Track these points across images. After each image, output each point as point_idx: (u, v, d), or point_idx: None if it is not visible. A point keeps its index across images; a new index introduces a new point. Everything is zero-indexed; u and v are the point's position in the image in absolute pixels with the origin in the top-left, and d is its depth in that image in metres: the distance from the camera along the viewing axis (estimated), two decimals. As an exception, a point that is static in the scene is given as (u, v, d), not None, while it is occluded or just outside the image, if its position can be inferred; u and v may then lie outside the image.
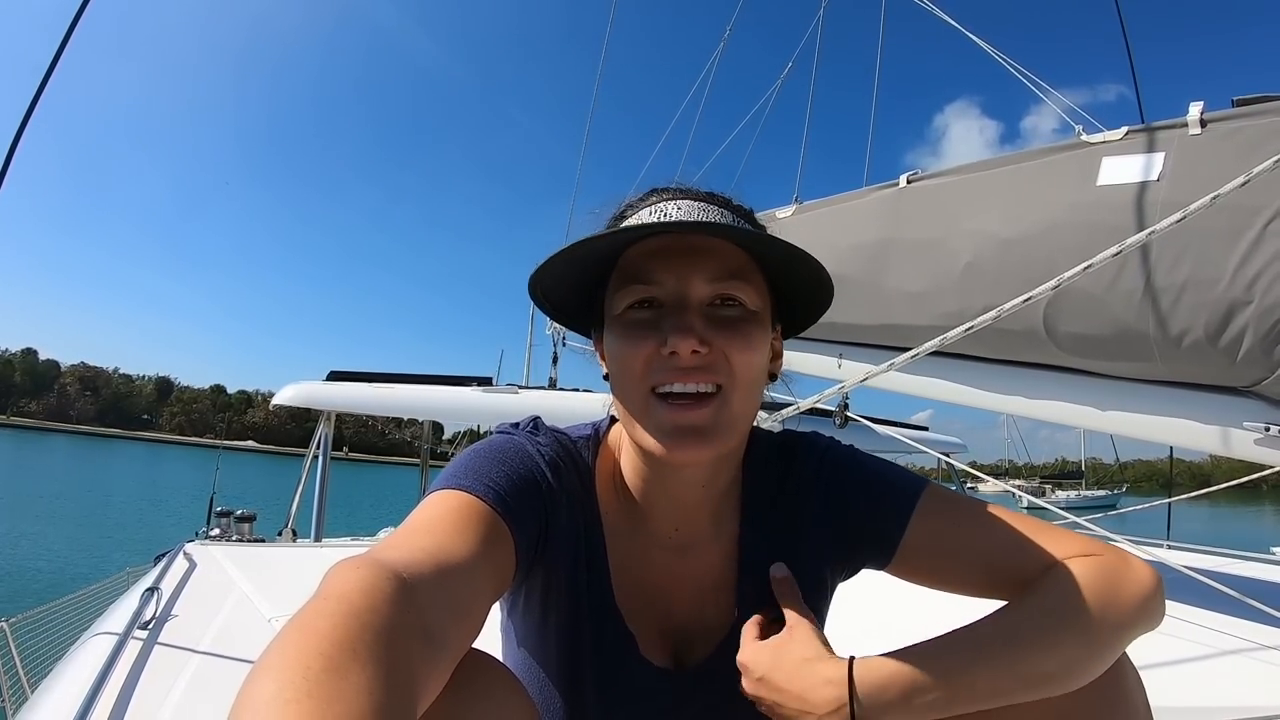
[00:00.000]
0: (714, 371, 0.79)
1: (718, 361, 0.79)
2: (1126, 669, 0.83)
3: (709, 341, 0.79)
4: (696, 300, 0.81)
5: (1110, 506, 5.36)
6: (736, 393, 0.80)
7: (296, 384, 4.44)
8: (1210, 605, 2.17)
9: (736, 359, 0.80)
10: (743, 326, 0.81)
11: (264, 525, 4.29)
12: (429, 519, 0.72)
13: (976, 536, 0.87)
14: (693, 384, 0.79)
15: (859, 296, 3.16)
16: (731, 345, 0.79)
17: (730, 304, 0.81)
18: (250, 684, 0.45)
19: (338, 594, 0.53)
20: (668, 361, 0.79)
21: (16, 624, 2.48)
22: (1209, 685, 1.76)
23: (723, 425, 0.80)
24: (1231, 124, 2.17)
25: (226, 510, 3.88)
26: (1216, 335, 2.13)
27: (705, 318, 0.80)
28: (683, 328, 0.78)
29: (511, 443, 0.87)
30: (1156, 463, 21.07)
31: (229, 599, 2.28)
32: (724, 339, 0.79)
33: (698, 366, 0.79)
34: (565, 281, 0.87)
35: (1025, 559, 0.84)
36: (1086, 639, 0.76)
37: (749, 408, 0.84)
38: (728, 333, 0.80)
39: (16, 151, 1.92)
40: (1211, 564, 3.27)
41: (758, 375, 0.83)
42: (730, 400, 0.80)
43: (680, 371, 0.79)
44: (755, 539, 0.94)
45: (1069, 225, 2.47)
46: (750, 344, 0.81)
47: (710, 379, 0.79)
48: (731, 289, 0.81)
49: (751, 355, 0.81)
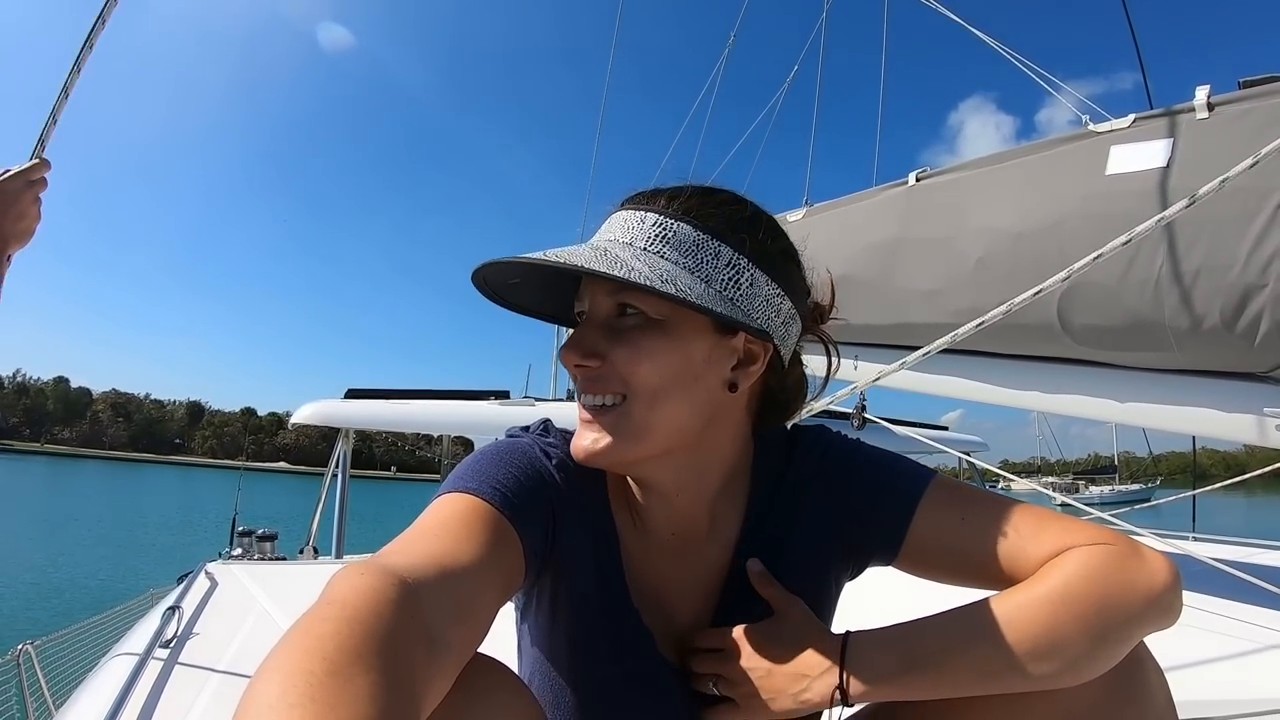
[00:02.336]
0: (606, 383, 0.81)
1: (610, 373, 0.80)
2: (1146, 664, 0.81)
3: (600, 354, 0.80)
4: (599, 314, 0.83)
5: (1144, 500, 5.30)
6: (637, 402, 0.80)
7: (315, 403, 4.48)
8: (1239, 597, 2.13)
9: (624, 369, 0.79)
10: (633, 336, 0.80)
11: (289, 543, 4.33)
12: (434, 523, 0.72)
13: (985, 529, 0.85)
14: (589, 396, 0.82)
15: (872, 297, 3.13)
16: (619, 355, 0.80)
17: (631, 313, 0.81)
18: (253, 688, 0.45)
19: (341, 599, 0.53)
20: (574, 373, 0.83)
21: (41, 646, 2.52)
22: (1239, 678, 1.73)
23: (623, 433, 0.81)
24: (1239, 106, 2.14)
25: (248, 530, 3.91)
26: (1233, 321, 2.09)
27: (605, 329, 0.82)
28: (570, 343, 0.82)
29: (518, 445, 0.88)
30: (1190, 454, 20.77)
31: (249, 617, 2.31)
32: (615, 349, 0.80)
33: (591, 379, 0.82)
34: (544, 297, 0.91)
35: (1036, 551, 0.82)
36: (1087, 627, 0.75)
37: (661, 417, 0.81)
38: (617, 343, 0.80)
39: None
40: (1240, 555, 3.21)
41: (661, 384, 0.80)
42: (631, 410, 0.80)
43: (582, 383, 0.83)
44: (755, 538, 0.93)
45: (1080, 216, 2.44)
46: (640, 353, 0.79)
47: (605, 390, 0.81)
48: (626, 298, 0.80)
49: (641, 363, 0.79)
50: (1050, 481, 44.90)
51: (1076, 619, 0.75)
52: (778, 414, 0.95)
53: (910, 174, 3.16)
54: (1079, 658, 0.75)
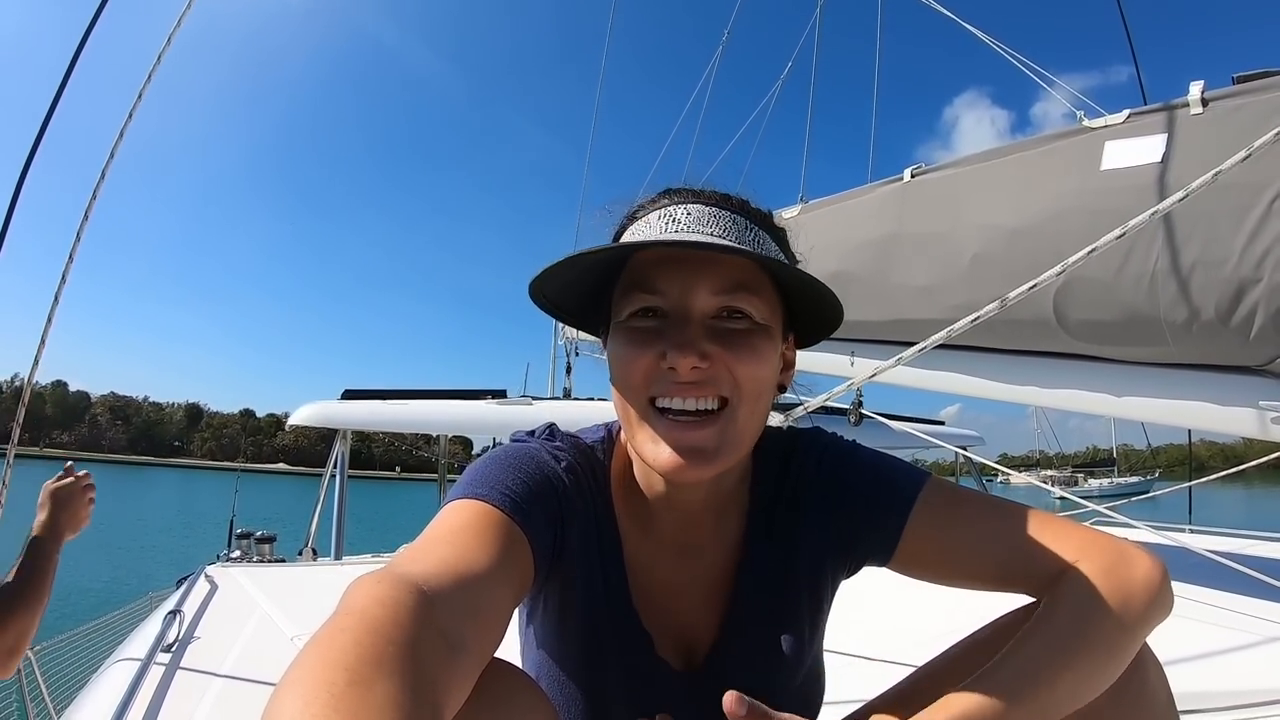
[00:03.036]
0: (716, 385, 0.78)
1: (720, 375, 0.78)
2: (1147, 661, 0.82)
3: (711, 355, 0.77)
4: (700, 313, 0.79)
5: (1143, 493, 5.32)
6: (743, 407, 0.79)
7: (312, 404, 4.47)
8: (1235, 589, 2.14)
9: (741, 372, 0.78)
10: (748, 339, 0.79)
11: (288, 544, 4.33)
12: (447, 530, 0.72)
13: (978, 531, 0.87)
14: (692, 400, 0.78)
15: (868, 293, 3.14)
16: (737, 359, 0.78)
17: (736, 316, 0.79)
18: (275, 701, 0.45)
19: (359, 609, 0.53)
20: (667, 375, 0.78)
21: (42, 651, 2.52)
22: (1235, 670, 1.73)
23: (727, 444, 0.79)
24: (1233, 101, 2.15)
25: (247, 532, 3.91)
26: (1228, 315, 2.10)
27: (709, 330, 0.79)
28: (683, 342, 0.76)
29: (525, 449, 0.87)
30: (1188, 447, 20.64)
31: (251, 619, 2.31)
32: (729, 352, 0.78)
33: (698, 381, 0.77)
34: (574, 287, 0.87)
35: (1029, 552, 0.84)
36: (1108, 651, 0.76)
37: (755, 422, 0.82)
38: (732, 346, 0.78)
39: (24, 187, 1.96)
40: (1236, 547, 3.22)
41: (765, 388, 0.81)
42: (736, 416, 0.79)
43: (680, 386, 0.77)
44: (756, 539, 0.94)
45: (1075, 212, 2.45)
46: (757, 357, 0.79)
47: (712, 393, 0.78)
48: (737, 301, 0.79)
49: (758, 368, 0.79)
50: (1049, 475, 44.99)
51: (1098, 650, 0.76)
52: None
53: (905, 170, 3.17)
54: (1105, 679, 0.77)
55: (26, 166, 1.87)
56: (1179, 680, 0.85)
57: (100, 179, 2.12)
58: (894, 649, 1.84)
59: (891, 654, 1.80)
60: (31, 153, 1.83)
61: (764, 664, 0.93)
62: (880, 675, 1.68)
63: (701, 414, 0.78)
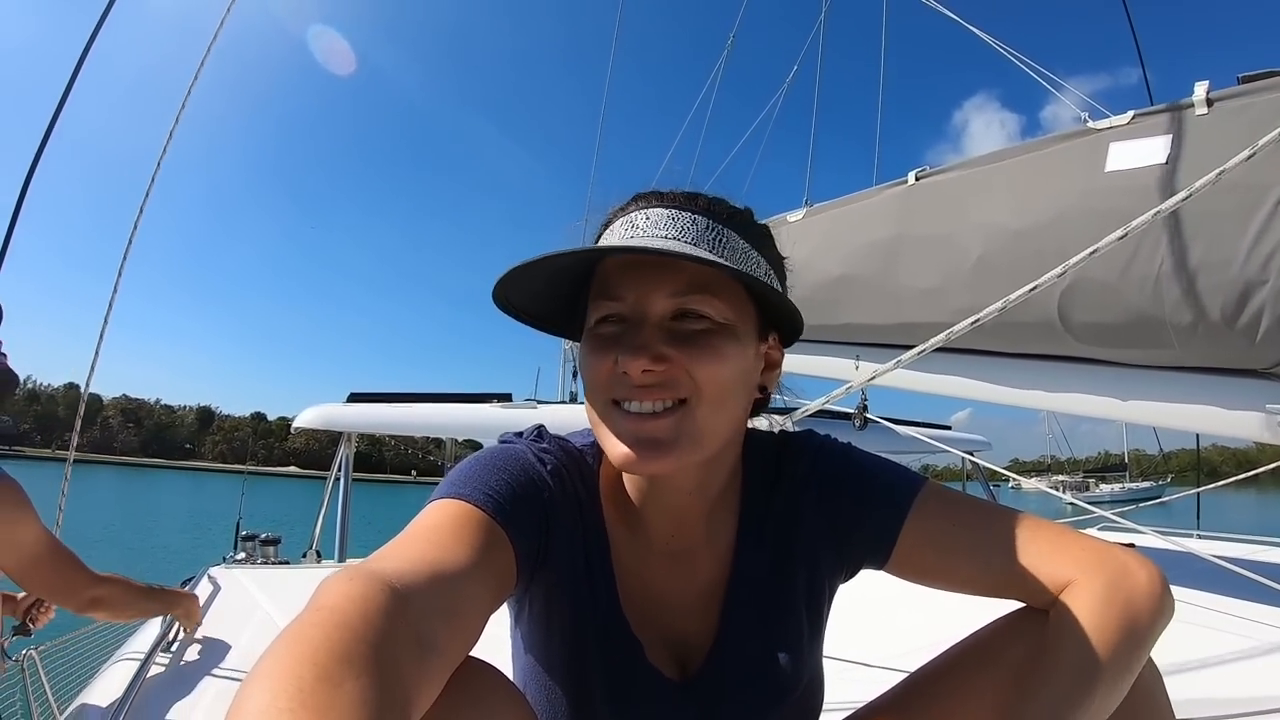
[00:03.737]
0: (673, 388, 0.78)
1: (679, 378, 0.78)
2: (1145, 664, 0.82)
3: (668, 358, 0.77)
4: (656, 316, 0.79)
5: (1154, 498, 5.29)
6: (703, 407, 0.79)
7: (316, 407, 4.47)
8: (1243, 595, 2.12)
9: (700, 373, 0.78)
10: (707, 339, 0.79)
11: (296, 546, 4.32)
12: (425, 528, 0.72)
13: (976, 535, 0.86)
14: (649, 403, 0.78)
15: (873, 296, 3.13)
16: (694, 360, 0.78)
17: (695, 318, 0.79)
18: (243, 695, 0.45)
19: (330, 605, 0.53)
20: (623, 379, 0.78)
21: (46, 651, 2.53)
22: (1242, 677, 1.71)
23: (686, 437, 0.78)
24: (1238, 101, 2.13)
25: (252, 534, 3.90)
26: (1234, 317, 2.09)
27: (667, 333, 0.79)
28: (634, 347, 0.77)
29: (511, 450, 0.87)
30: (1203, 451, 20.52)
31: (252, 621, 2.31)
32: (685, 354, 0.78)
33: (653, 384, 0.78)
34: (543, 297, 0.87)
35: (1025, 559, 0.84)
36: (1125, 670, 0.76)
37: (721, 421, 0.81)
38: (690, 347, 0.78)
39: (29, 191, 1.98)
40: (1244, 553, 3.19)
41: (729, 388, 0.80)
42: (695, 413, 0.78)
43: (636, 390, 0.78)
44: (749, 544, 0.93)
45: (1079, 213, 2.44)
46: (716, 357, 0.78)
47: (668, 395, 0.78)
48: (693, 303, 0.79)
49: (717, 368, 0.78)
50: (1060, 480, 44.76)
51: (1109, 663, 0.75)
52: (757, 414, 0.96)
53: (910, 173, 3.16)
54: (1117, 699, 0.76)
55: (30, 174, 1.88)
56: (1184, 686, 0.84)
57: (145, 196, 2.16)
58: (886, 654, 1.83)
59: (883, 659, 1.79)
60: (35, 160, 1.84)
61: (761, 675, 0.92)
62: (873, 680, 1.68)
63: (659, 413, 0.78)
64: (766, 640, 0.92)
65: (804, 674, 0.94)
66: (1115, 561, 0.82)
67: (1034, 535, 0.85)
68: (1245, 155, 1.78)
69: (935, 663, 0.93)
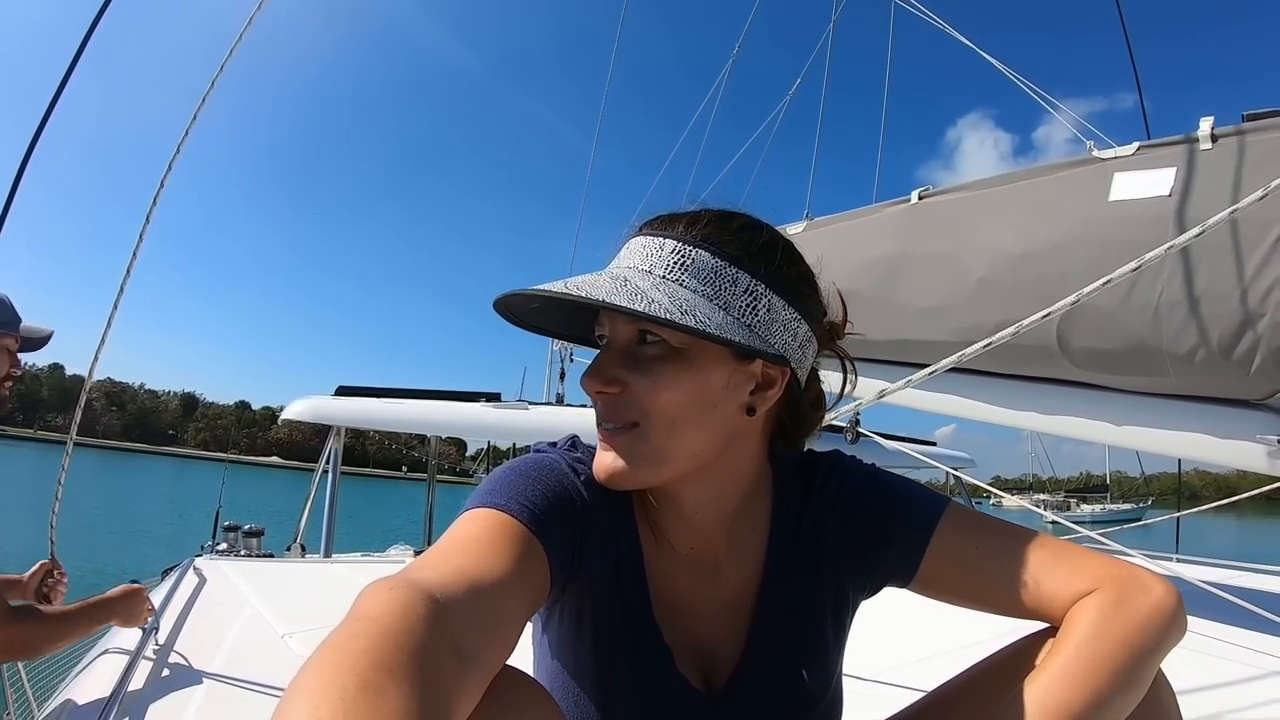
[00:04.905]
0: (624, 410, 0.82)
1: (628, 400, 0.82)
2: (1159, 681, 0.82)
3: (619, 380, 0.82)
4: (619, 341, 0.84)
5: (1135, 520, 5.33)
6: (654, 429, 0.81)
7: (305, 399, 4.44)
8: (1221, 619, 2.14)
9: (644, 398, 0.81)
10: (652, 365, 0.81)
11: (277, 538, 4.29)
12: (462, 538, 0.72)
13: (998, 556, 0.87)
14: (607, 422, 0.84)
15: (872, 312, 3.13)
16: (637, 384, 0.81)
17: (652, 341, 0.82)
18: (285, 704, 0.45)
19: (371, 615, 0.53)
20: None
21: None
22: (1218, 702, 1.73)
23: (639, 458, 0.82)
24: (1243, 139, 2.16)
25: (234, 524, 3.88)
26: (1229, 349, 2.11)
27: (624, 356, 0.83)
28: (591, 370, 0.83)
29: (546, 460, 0.88)
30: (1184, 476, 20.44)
31: (241, 615, 2.29)
32: (635, 378, 0.81)
33: (610, 406, 0.83)
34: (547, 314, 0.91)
35: (1047, 580, 0.84)
36: (1124, 681, 0.76)
37: (680, 441, 0.82)
38: (636, 371, 0.81)
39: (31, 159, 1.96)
40: (1222, 577, 3.23)
41: (679, 410, 0.81)
42: (648, 435, 0.81)
43: (601, 409, 0.85)
44: (779, 560, 0.94)
45: (1082, 240, 2.46)
46: (659, 382, 0.80)
47: (621, 418, 0.83)
48: (649, 327, 0.81)
49: (660, 393, 0.80)
50: (1042, 499, 44.96)
51: (1111, 676, 0.75)
52: (798, 431, 0.96)
53: (913, 192, 3.18)
54: (1125, 708, 0.76)
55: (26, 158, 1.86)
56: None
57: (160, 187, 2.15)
58: (903, 672, 1.83)
59: (900, 678, 1.80)
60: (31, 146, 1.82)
61: (787, 688, 0.93)
62: (890, 698, 1.68)
63: (617, 430, 0.83)
64: (793, 654, 0.93)
65: (828, 688, 0.95)
66: (1131, 577, 0.83)
67: (1056, 556, 0.86)
68: (1259, 195, 1.79)
69: (954, 682, 0.94)
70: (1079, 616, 0.80)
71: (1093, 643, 0.77)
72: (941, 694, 0.95)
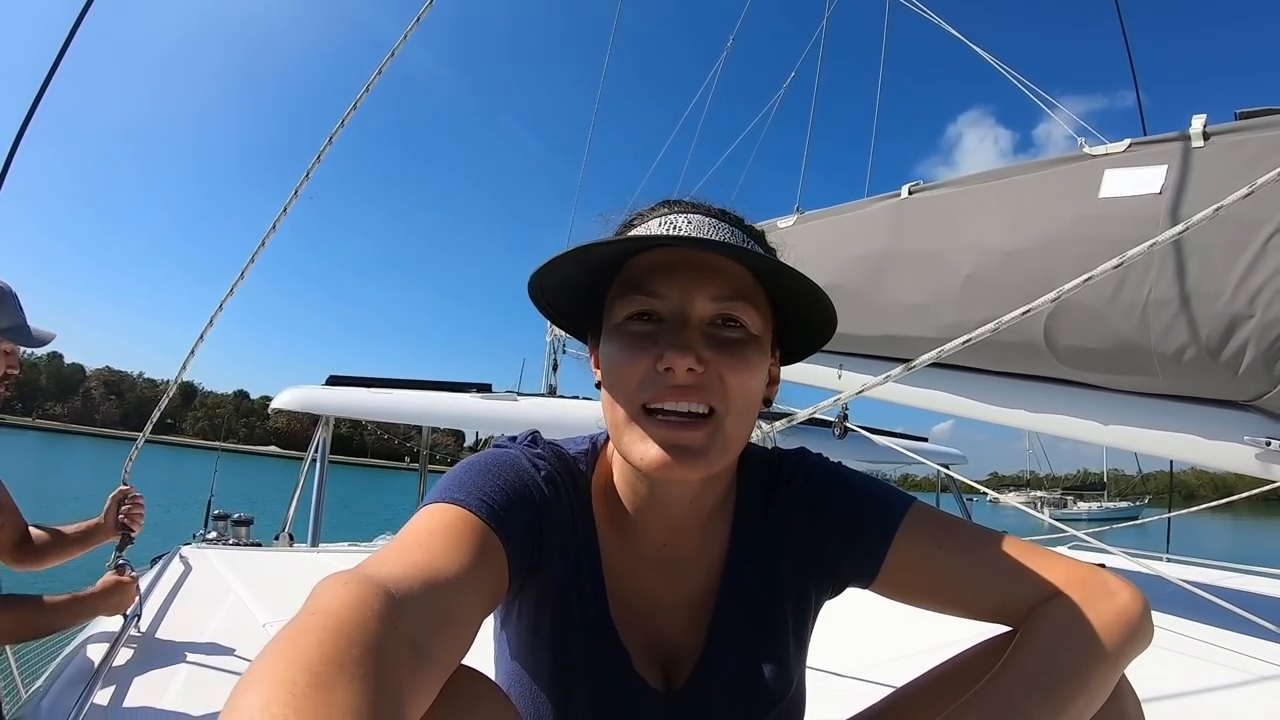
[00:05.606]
0: (707, 392, 0.77)
1: (712, 382, 0.77)
2: (1123, 689, 0.81)
3: (706, 361, 0.76)
4: (698, 318, 0.78)
5: (1131, 518, 5.34)
6: (730, 416, 0.78)
7: (295, 388, 4.43)
8: (1209, 620, 2.14)
9: (731, 381, 0.77)
10: (741, 348, 0.79)
11: (271, 527, 4.29)
12: (420, 533, 0.71)
13: (961, 558, 0.86)
14: (685, 404, 0.76)
15: (859, 307, 3.14)
16: (730, 368, 0.77)
17: (732, 325, 0.79)
18: (236, 699, 0.45)
19: (325, 609, 0.52)
20: (662, 378, 0.76)
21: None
22: (1204, 703, 1.73)
23: (715, 448, 0.77)
24: (1234, 137, 2.15)
25: (224, 513, 3.87)
26: (1218, 349, 2.11)
27: (705, 336, 0.78)
28: (680, 344, 0.75)
29: (506, 455, 0.86)
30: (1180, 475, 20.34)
31: (224, 603, 2.29)
32: (721, 359, 0.77)
33: (692, 386, 0.76)
34: (569, 286, 0.86)
35: (1010, 583, 0.83)
36: (1083, 683, 0.75)
37: (742, 432, 0.81)
38: (725, 354, 0.77)
39: (16, 154, 1.96)
40: (1212, 578, 3.22)
41: (752, 400, 0.80)
42: (724, 424, 0.78)
43: (674, 390, 0.76)
44: (740, 557, 0.93)
45: (1071, 238, 2.45)
46: (748, 367, 0.78)
47: (703, 399, 0.77)
48: (734, 309, 0.79)
49: (748, 379, 0.78)
50: (1038, 496, 44.97)
51: (1069, 681, 0.74)
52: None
53: (903, 186, 3.17)
54: (1081, 712, 0.75)
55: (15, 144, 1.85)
56: (1146, 710, 0.84)
57: (292, 196, 2.19)
58: (870, 667, 1.83)
59: (867, 672, 1.80)
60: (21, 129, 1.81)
61: (747, 686, 0.91)
62: (856, 693, 1.67)
63: (692, 416, 0.77)
64: (753, 653, 0.92)
65: (788, 687, 0.94)
66: (1096, 582, 0.81)
67: (1021, 559, 0.85)
68: (1244, 193, 1.79)
69: (917, 683, 0.93)
70: (1039, 620, 0.79)
71: (1052, 647, 0.76)
72: (903, 695, 0.94)
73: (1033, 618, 0.80)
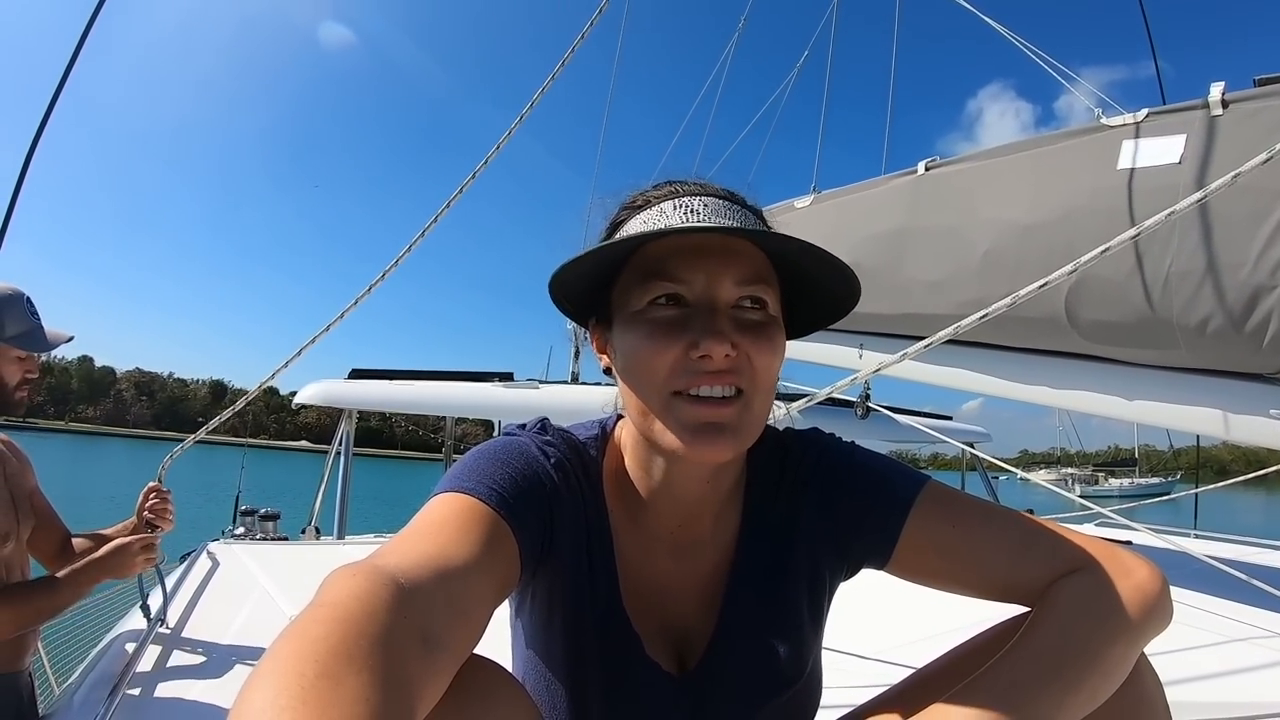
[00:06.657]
0: (737, 374, 0.77)
1: (742, 365, 0.77)
2: (1143, 667, 0.80)
3: (737, 345, 0.76)
4: (725, 302, 0.78)
5: (1163, 494, 5.28)
6: (757, 396, 0.78)
7: (318, 383, 4.45)
8: (1237, 596, 2.11)
9: (759, 362, 0.78)
10: (766, 330, 0.79)
11: (298, 522, 4.34)
12: (430, 522, 0.71)
13: (976, 537, 0.85)
14: (720, 387, 0.76)
15: (879, 286, 3.12)
16: (757, 349, 0.78)
17: (755, 307, 0.80)
18: (246, 691, 0.45)
19: (333, 600, 0.52)
20: (696, 364, 0.76)
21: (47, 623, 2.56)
22: (1232, 679, 1.71)
23: (745, 426, 0.78)
24: (1254, 104, 2.11)
25: (251, 509, 3.91)
26: (1241, 321, 2.07)
27: (733, 320, 0.78)
28: (716, 331, 0.75)
29: (515, 443, 0.86)
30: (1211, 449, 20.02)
31: (250, 597, 2.32)
32: (749, 342, 0.77)
33: (725, 370, 0.76)
34: (585, 278, 0.85)
35: (1026, 562, 0.83)
36: (1099, 661, 0.74)
37: (766, 410, 0.82)
38: (752, 336, 0.78)
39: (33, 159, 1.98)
40: (1240, 554, 3.18)
41: (775, 379, 0.81)
42: (752, 403, 0.78)
43: (709, 375, 0.76)
44: (752, 539, 0.93)
45: (1089, 210, 2.42)
46: (774, 348, 0.79)
47: (734, 381, 0.77)
48: (758, 291, 0.79)
49: (772, 359, 0.79)
50: (1069, 473, 44.52)
51: (1082, 660, 0.74)
52: None
53: (920, 163, 3.14)
54: (1097, 693, 0.74)
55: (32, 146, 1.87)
56: (1173, 688, 0.83)
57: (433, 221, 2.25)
58: (890, 649, 1.82)
59: (887, 654, 1.79)
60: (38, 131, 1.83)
61: (760, 668, 0.91)
62: (877, 674, 1.67)
63: (726, 400, 0.77)
64: (766, 634, 0.91)
65: (802, 670, 0.93)
66: (1113, 559, 0.81)
67: (1037, 537, 0.84)
68: (1263, 159, 1.75)
69: (938, 663, 0.92)
70: (1053, 598, 0.78)
71: (1065, 625, 0.76)
72: (921, 676, 0.93)
73: (1047, 596, 0.79)
